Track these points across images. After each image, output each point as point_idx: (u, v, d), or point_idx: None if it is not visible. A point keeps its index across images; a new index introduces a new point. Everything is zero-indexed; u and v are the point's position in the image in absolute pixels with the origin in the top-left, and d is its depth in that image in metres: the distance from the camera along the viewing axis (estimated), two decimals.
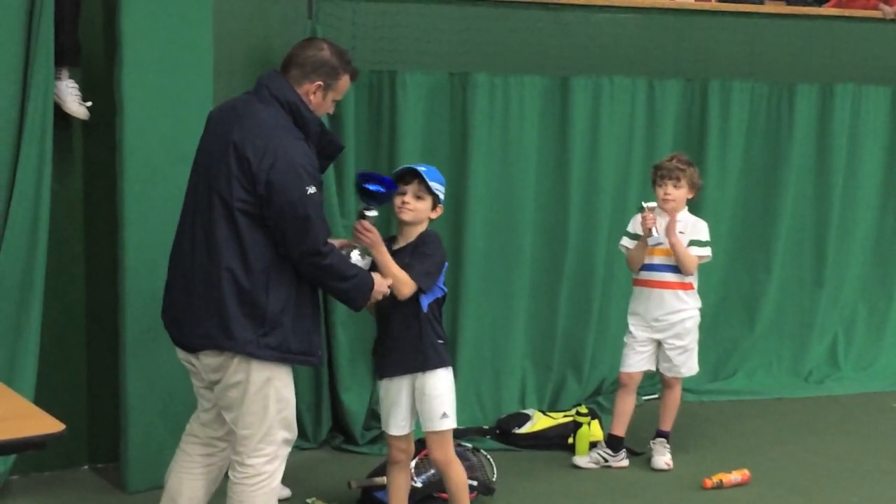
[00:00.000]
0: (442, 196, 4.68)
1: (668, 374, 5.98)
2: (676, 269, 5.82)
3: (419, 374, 4.68)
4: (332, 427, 6.25)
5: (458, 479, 4.83)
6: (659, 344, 5.93)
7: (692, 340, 5.96)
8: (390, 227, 6.28)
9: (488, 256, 6.53)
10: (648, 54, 7.15)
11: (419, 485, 5.26)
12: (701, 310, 6.01)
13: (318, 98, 4.20)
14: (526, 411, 6.48)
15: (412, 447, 4.93)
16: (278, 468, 4.22)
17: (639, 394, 6.19)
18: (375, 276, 4.35)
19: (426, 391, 4.69)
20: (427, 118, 6.37)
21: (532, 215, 6.68)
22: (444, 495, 5.25)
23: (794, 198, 7.59)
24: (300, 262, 4.07)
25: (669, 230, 5.74)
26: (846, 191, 7.76)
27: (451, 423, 4.75)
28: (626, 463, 5.98)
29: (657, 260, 5.84)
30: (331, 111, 4.34)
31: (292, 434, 4.25)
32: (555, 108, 6.70)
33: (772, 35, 7.58)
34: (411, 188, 4.58)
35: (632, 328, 5.95)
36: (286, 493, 5.38)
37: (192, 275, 4.11)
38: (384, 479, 5.23)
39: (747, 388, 7.45)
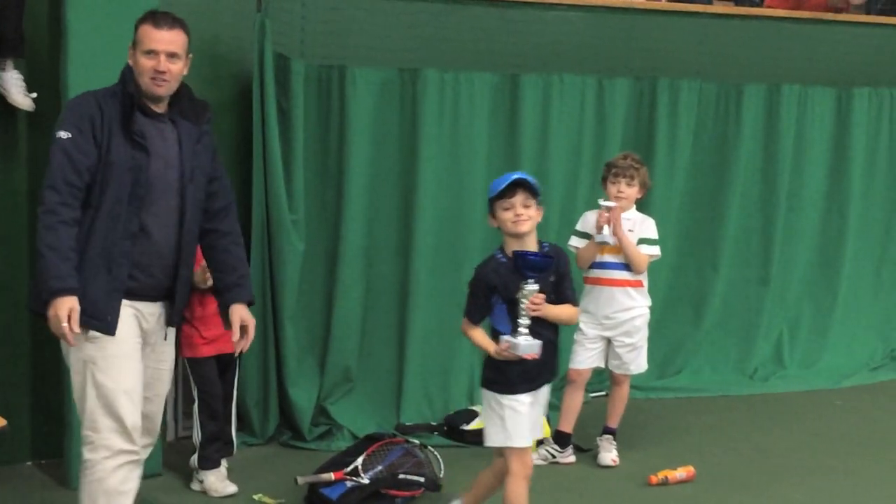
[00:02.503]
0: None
1: (618, 372, 6.01)
2: (628, 266, 5.84)
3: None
4: (279, 423, 6.22)
5: None
6: (608, 341, 5.95)
7: (642, 338, 5.99)
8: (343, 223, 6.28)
9: (437, 252, 6.53)
10: (598, 52, 7.19)
11: (366, 481, 5.24)
12: (650, 307, 6.04)
13: (133, 59, 4.17)
14: (474, 408, 6.47)
15: None
16: (104, 460, 4.07)
17: (586, 390, 6.21)
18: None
19: (545, 400, 4.70)
20: (376, 114, 6.35)
21: (481, 212, 6.62)
22: (392, 491, 5.26)
23: (742, 197, 7.65)
24: None
25: (616, 227, 5.76)
26: (792, 191, 7.84)
27: None
28: (573, 459, 6.00)
29: (608, 258, 5.85)
30: (160, 67, 4.11)
31: (120, 424, 4.07)
32: (504, 106, 6.71)
33: (720, 35, 7.64)
34: (518, 199, 4.42)
35: (582, 325, 5.96)
36: (232, 489, 5.35)
37: None
38: (331, 474, 5.22)
39: (694, 385, 7.51)
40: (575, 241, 5.98)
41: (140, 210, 4.07)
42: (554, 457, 5.96)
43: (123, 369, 4.11)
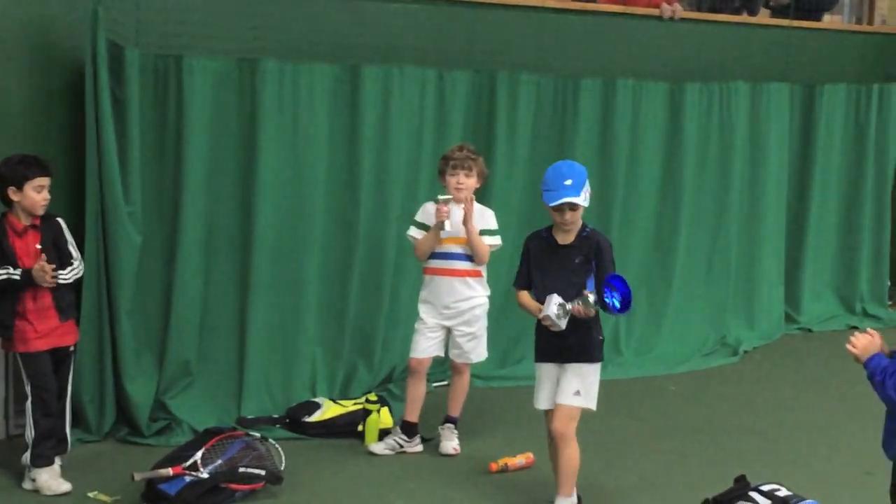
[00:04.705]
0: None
1: (458, 360, 6.07)
2: (467, 257, 5.91)
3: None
4: (116, 419, 6.09)
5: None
6: (449, 330, 6.00)
7: (481, 327, 6.07)
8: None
9: (278, 244, 6.48)
10: (438, 45, 7.25)
11: (206, 475, 5.18)
12: (490, 297, 6.11)
13: None
14: (316, 399, 6.47)
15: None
16: None
17: (428, 380, 6.25)
18: None
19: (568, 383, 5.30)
20: (215, 104, 6.26)
21: (322, 203, 6.66)
22: (232, 485, 5.21)
23: None
24: None
25: (468, 218, 5.81)
26: (628, 181, 8.04)
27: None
28: (420, 448, 6.04)
29: (448, 248, 5.90)
30: None
31: None
32: (345, 97, 6.70)
33: (557, 29, 7.79)
34: (566, 212, 5.14)
35: (422, 315, 6.01)
36: (66, 487, 5.23)
37: None
38: (170, 470, 5.15)
39: (534, 373, 7.59)
40: (414, 232, 6.02)
41: None
42: (402, 446, 6.00)
43: None
